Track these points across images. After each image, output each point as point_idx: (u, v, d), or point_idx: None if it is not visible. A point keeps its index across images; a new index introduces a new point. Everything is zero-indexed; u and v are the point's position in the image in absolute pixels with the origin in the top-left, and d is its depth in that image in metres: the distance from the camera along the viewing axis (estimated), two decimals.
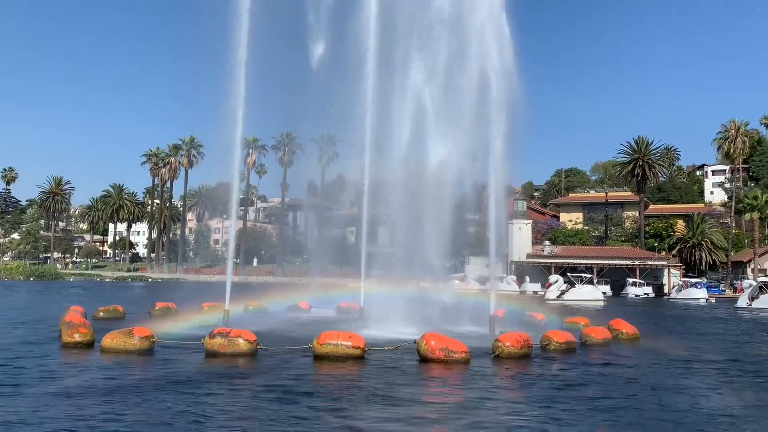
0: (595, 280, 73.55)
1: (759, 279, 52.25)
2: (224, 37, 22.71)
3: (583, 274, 61.27)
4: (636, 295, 69.76)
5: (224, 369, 13.03)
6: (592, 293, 54.89)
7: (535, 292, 64.30)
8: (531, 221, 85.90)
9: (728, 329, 28.71)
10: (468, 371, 13.06)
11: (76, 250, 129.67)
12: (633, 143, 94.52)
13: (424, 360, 13.84)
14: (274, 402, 9.83)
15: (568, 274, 61.75)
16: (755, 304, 45.23)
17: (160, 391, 10.42)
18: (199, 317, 22.74)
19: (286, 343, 16.22)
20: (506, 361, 14.19)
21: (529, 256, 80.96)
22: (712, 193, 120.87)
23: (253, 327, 16.73)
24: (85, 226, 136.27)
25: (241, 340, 14.75)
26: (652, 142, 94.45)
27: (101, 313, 23.42)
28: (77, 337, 16.15)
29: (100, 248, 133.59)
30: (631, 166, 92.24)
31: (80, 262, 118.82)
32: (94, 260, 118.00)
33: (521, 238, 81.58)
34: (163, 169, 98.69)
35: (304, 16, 28.70)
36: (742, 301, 46.66)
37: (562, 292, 54.37)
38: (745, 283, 53.72)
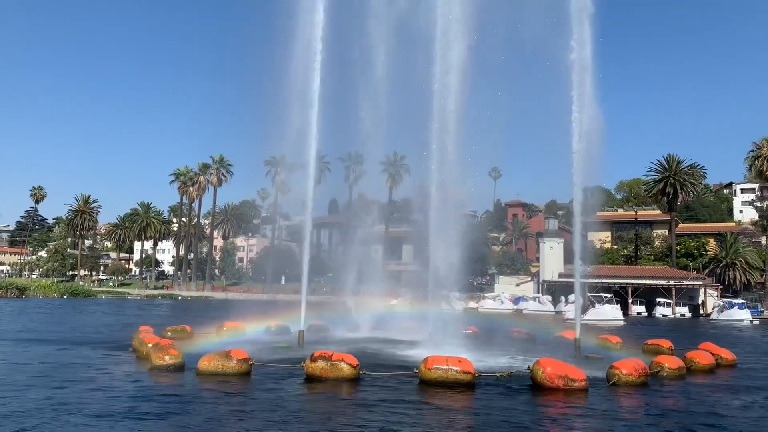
0: (630, 300, 72.30)
1: None
2: (261, 61, 22.99)
3: (603, 294, 60.35)
4: (664, 315, 68.32)
5: (338, 396, 12.60)
6: (612, 312, 54.30)
7: None
8: (563, 240, 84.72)
9: None
10: (595, 401, 12.44)
11: (102, 268, 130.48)
12: (663, 161, 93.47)
13: (539, 388, 13.28)
14: None
15: (588, 294, 60.57)
16: None
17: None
18: (270, 337, 22.48)
19: (376, 364, 15.82)
20: (624, 388, 13.58)
21: (561, 275, 79.65)
22: (741, 211, 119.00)
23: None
24: (110, 244, 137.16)
25: (344, 365, 14.31)
26: (682, 161, 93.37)
27: (169, 333, 23.12)
28: (168, 360, 15.82)
29: (126, 266, 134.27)
30: (662, 184, 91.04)
31: (107, 279, 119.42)
32: (120, 278, 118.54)
33: (553, 256, 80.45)
34: (191, 188, 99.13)
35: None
36: None
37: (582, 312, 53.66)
38: None
